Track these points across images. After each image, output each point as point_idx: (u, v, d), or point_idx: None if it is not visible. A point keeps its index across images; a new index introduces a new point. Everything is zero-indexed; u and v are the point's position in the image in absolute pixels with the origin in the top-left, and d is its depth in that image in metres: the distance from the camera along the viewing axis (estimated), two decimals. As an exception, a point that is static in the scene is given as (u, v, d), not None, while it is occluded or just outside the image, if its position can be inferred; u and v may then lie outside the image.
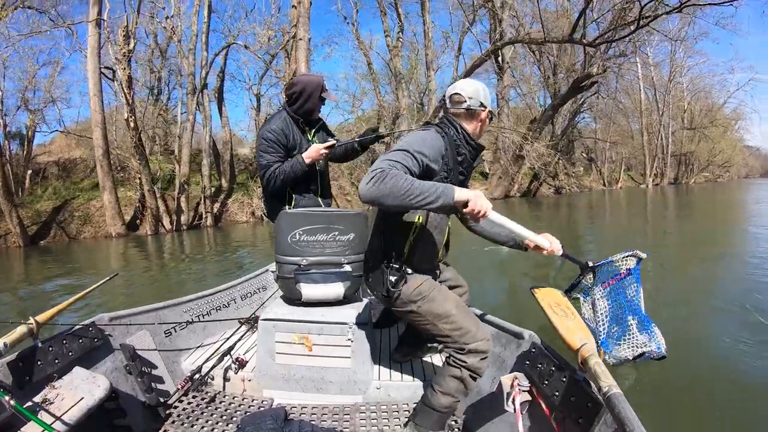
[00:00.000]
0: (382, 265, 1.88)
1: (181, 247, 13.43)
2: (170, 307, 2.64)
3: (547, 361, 1.75)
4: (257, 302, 3.29)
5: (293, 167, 2.56)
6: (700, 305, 4.95)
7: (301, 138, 2.67)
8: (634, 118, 41.63)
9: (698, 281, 6.09)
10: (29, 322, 1.73)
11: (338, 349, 2.31)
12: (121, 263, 11.01)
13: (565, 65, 27.92)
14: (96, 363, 1.99)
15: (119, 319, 2.26)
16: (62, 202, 18.21)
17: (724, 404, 2.88)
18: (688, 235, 10.93)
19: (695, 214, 16.21)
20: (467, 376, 1.81)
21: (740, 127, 53.07)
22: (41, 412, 1.52)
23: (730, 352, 3.67)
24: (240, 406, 2.22)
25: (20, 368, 1.67)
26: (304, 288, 2.40)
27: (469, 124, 1.83)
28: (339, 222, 2.37)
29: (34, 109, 23.10)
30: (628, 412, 1.13)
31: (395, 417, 2.14)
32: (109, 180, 16.36)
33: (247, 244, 13.34)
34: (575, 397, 1.52)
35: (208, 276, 8.16)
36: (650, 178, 41.14)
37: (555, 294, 2.00)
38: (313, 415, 2.16)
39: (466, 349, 1.81)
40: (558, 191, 33.00)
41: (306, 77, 2.68)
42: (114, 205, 16.55)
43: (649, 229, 12.91)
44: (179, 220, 18.14)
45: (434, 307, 1.87)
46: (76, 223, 17.46)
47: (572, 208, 21.51)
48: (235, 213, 20.87)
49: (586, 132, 40.25)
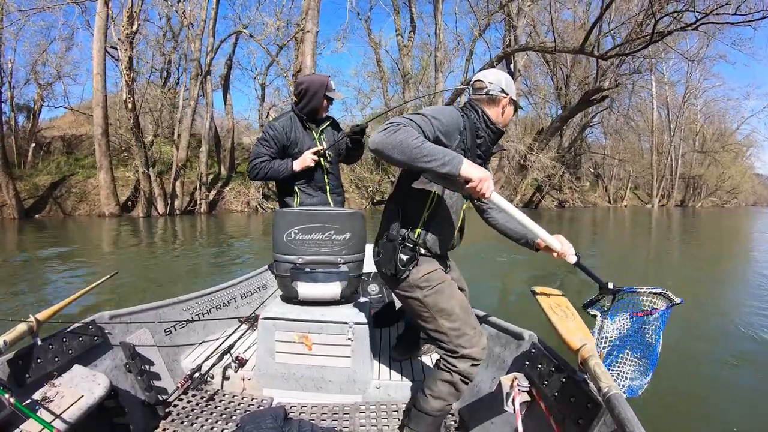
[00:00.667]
0: (396, 242, 1.83)
1: (166, 233, 13.44)
2: (170, 305, 2.65)
3: (546, 362, 1.76)
4: (257, 301, 3.31)
5: (279, 168, 2.69)
6: (702, 318, 5.07)
7: (304, 136, 2.75)
8: (645, 137, 41.69)
9: (702, 299, 6.16)
10: (29, 320, 1.74)
11: (338, 349, 2.33)
12: (105, 244, 11.09)
13: (578, 78, 27.96)
14: (96, 361, 2.00)
15: (119, 318, 2.27)
16: (61, 178, 18.43)
17: (724, 406, 2.95)
18: (692, 258, 10.93)
19: (701, 238, 16.21)
20: (458, 380, 1.80)
21: (751, 154, 53.26)
22: (41, 410, 1.54)
23: (728, 359, 3.80)
24: (240, 405, 2.24)
25: (20, 366, 1.68)
26: (300, 287, 2.44)
27: (490, 109, 1.85)
28: (335, 221, 2.39)
29: (43, 83, 23.25)
30: (627, 412, 1.14)
31: (395, 416, 2.16)
32: (106, 159, 16.53)
33: (238, 235, 13.32)
34: (575, 398, 1.53)
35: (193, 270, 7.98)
36: (656, 199, 41.21)
37: (556, 294, 2.00)
38: (313, 414, 2.18)
39: (460, 353, 1.79)
40: (561, 205, 33.04)
41: (311, 76, 2.76)
42: (109, 185, 16.77)
43: (652, 249, 12.90)
44: (173, 205, 18.31)
45: (440, 300, 1.83)
46: (72, 200, 17.72)
47: (574, 222, 21.48)
48: (230, 202, 21.01)
49: (596, 147, 40.24)
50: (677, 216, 30.00)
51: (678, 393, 3.12)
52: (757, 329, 4.60)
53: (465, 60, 29.32)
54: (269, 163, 2.70)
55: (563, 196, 33.48)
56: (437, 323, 1.83)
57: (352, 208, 2.96)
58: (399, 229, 1.84)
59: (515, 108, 1.95)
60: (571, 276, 7.56)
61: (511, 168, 24.65)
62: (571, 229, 17.73)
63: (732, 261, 10.64)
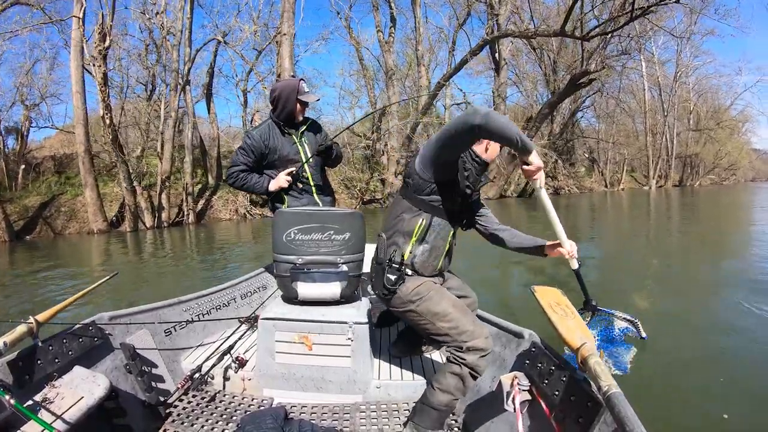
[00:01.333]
0: (383, 264, 2.02)
1: (152, 246, 13.46)
2: (170, 306, 2.68)
3: (547, 361, 1.79)
4: (257, 301, 3.33)
5: (254, 185, 2.85)
6: (704, 310, 5.00)
7: (283, 142, 2.85)
8: (639, 119, 41.84)
9: (705, 287, 6.13)
10: (29, 321, 1.76)
11: (338, 349, 2.36)
12: (88, 261, 11.13)
13: (565, 63, 28.00)
14: (96, 362, 2.02)
15: (119, 318, 2.29)
16: (50, 198, 18.42)
17: (725, 404, 2.94)
18: (694, 237, 10.98)
19: (701, 216, 16.20)
20: (467, 374, 1.88)
21: (747, 129, 53.52)
22: (41, 411, 1.55)
23: (729, 352, 3.77)
24: (240, 405, 2.26)
25: (20, 367, 1.70)
26: (300, 287, 2.46)
27: (476, 146, 2.02)
28: (334, 222, 2.41)
29: (30, 104, 23.33)
30: (627, 411, 1.15)
31: (395, 416, 2.18)
32: (90, 176, 16.58)
33: (223, 243, 13.28)
34: (575, 397, 1.56)
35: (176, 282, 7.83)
36: (654, 180, 41.36)
37: (555, 293, 2.05)
38: (313, 415, 2.20)
39: (465, 347, 1.88)
40: (557, 192, 33.04)
41: (282, 82, 2.85)
42: (95, 202, 16.82)
43: (651, 229, 12.99)
44: (160, 217, 18.33)
45: (431, 306, 1.96)
46: (62, 219, 17.75)
47: (570, 209, 21.46)
48: (219, 210, 21.03)
49: (589, 132, 40.39)
50: (676, 196, 30.04)
51: (678, 392, 3.13)
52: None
53: (448, 52, 29.51)
54: (246, 176, 2.84)
55: (558, 183, 33.31)
56: (437, 327, 1.94)
57: (351, 208, 3.01)
58: (386, 252, 2.02)
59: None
60: (571, 277, 7.56)
61: (502, 158, 24.58)
62: (567, 217, 17.66)
63: (733, 240, 10.65)
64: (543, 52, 29.90)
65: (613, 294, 5.64)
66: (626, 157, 42.96)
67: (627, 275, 6.94)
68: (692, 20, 31.05)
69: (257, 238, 14.04)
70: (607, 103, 36.47)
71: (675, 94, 41.41)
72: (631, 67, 32.73)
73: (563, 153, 35.31)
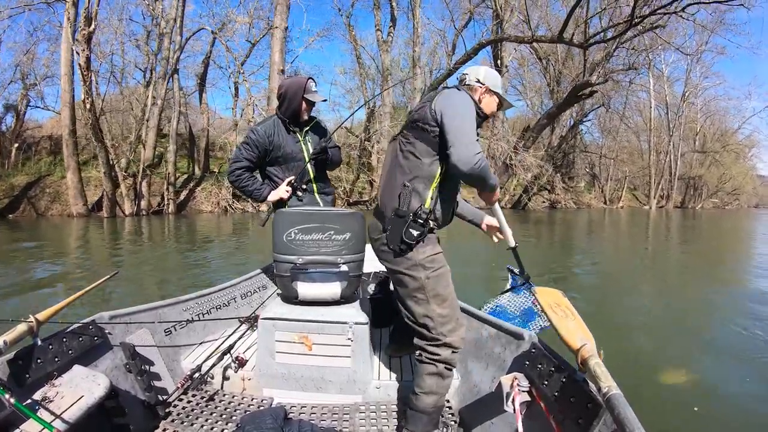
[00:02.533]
0: (407, 217, 1.90)
1: (129, 234, 13.67)
2: (170, 305, 2.71)
3: (546, 362, 1.81)
4: (257, 301, 3.37)
5: (254, 192, 2.91)
6: (700, 317, 5.37)
7: (287, 139, 2.88)
8: (644, 136, 41.98)
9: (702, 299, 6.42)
10: (29, 320, 1.77)
11: (338, 349, 2.40)
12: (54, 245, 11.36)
13: (570, 74, 28.02)
14: (96, 361, 2.04)
15: (119, 318, 2.32)
16: (36, 178, 18.79)
17: (724, 405, 3.07)
18: (693, 261, 11.04)
19: (702, 239, 16.31)
20: (443, 369, 1.90)
21: (753, 154, 53.32)
22: (41, 410, 1.58)
23: (728, 358, 3.99)
24: (240, 405, 2.30)
25: (20, 366, 1.72)
26: (300, 286, 2.50)
27: None
28: (334, 222, 2.46)
29: (29, 83, 23.58)
30: (628, 412, 1.17)
31: (394, 416, 2.22)
32: (73, 160, 16.79)
33: (204, 239, 13.26)
34: (575, 398, 1.58)
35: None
36: (654, 200, 41.28)
37: (556, 294, 2.06)
38: (313, 415, 2.24)
39: (442, 341, 1.89)
40: (553, 206, 32.99)
41: (290, 79, 2.90)
42: (76, 185, 17.08)
43: (650, 248, 13.10)
44: (140, 205, 18.63)
45: (438, 285, 1.93)
46: (46, 200, 18.21)
47: (565, 224, 21.56)
48: (201, 202, 21.23)
49: (592, 147, 40.40)
50: (677, 217, 30.15)
51: (679, 393, 3.22)
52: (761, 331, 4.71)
53: (446, 55, 29.56)
54: (248, 179, 2.89)
55: (555, 197, 33.17)
56: (429, 307, 1.92)
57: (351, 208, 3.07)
58: (410, 204, 1.91)
59: (500, 101, 2.18)
60: (572, 277, 7.74)
61: (497, 168, 24.54)
62: (562, 232, 17.69)
63: (734, 263, 10.83)
64: (549, 63, 29.96)
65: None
66: (627, 175, 42.92)
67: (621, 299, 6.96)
68: (703, 39, 31.47)
69: (238, 234, 14.13)
70: (611, 119, 36.58)
71: (683, 113, 41.21)
72: (639, 84, 33.04)
73: (563, 166, 35.32)
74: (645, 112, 40.19)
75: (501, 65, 27.49)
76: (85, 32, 16.24)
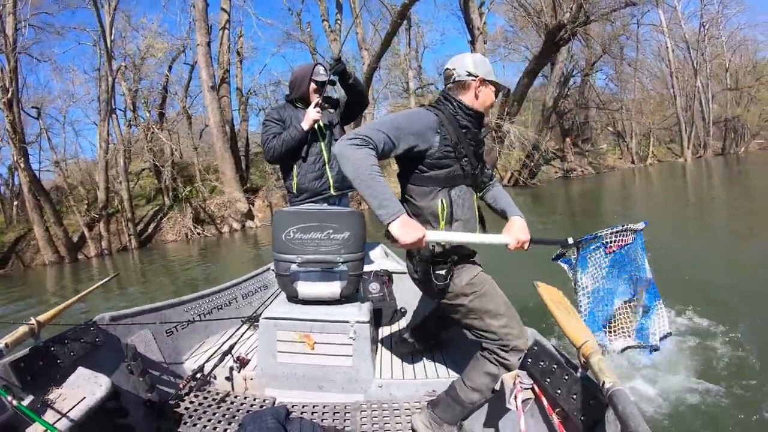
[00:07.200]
0: (429, 261, 2.01)
1: (84, 274, 14.86)
2: (172, 306, 2.86)
3: (549, 359, 1.88)
4: (258, 301, 3.55)
5: (290, 133, 3.14)
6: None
7: (297, 114, 3.24)
8: (668, 83, 39.58)
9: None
10: (30, 323, 1.89)
11: (340, 348, 2.52)
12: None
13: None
14: (97, 362, 2.15)
15: (121, 319, 2.45)
16: (25, 231, 20.41)
17: (730, 401, 3.09)
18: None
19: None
20: (502, 372, 1.97)
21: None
22: (43, 412, 1.67)
23: (743, 348, 3.89)
24: (242, 405, 2.43)
25: (22, 368, 1.83)
26: (300, 286, 2.64)
27: (463, 96, 2.03)
28: (333, 221, 2.57)
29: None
30: (631, 409, 1.22)
31: (396, 415, 2.33)
32: (36, 213, 18.33)
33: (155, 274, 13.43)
34: (578, 395, 1.65)
35: None
36: (689, 150, 38.29)
37: (557, 293, 2.17)
38: (315, 414, 2.35)
39: (510, 347, 1.97)
40: (566, 175, 31.18)
41: (300, 67, 3.35)
42: (42, 235, 18.59)
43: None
44: (101, 246, 19.96)
45: (485, 303, 2.01)
46: (31, 251, 19.75)
47: (571, 199, 20.41)
48: (166, 232, 22.35)
49: (611, 104, 37.97)
50: (717, 166, 27.94)
51: (682, 390, 3.20)
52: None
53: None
54: (279, 137, 3.15)
55: (568, 165, 31.78)
56: (485, 323, 2.02)
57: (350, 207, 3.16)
58: (428, 245, 1.91)
59: (497, 88, 2.11)
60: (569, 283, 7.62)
61: (487, 147, 23.74)
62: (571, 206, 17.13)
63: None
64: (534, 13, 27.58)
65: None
66: (654, 127, 40.28)
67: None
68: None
69: (205, 260, 14.47)
70: (620, 69, 34.13)
71: (706, 50, 38.53)
72: (649, 24, 31.18)
73: (572, 129, 33.74)
74: (664, 55, 37.58)
75: (473, 27, 25.83)
76: (4, 99, 17.30)
